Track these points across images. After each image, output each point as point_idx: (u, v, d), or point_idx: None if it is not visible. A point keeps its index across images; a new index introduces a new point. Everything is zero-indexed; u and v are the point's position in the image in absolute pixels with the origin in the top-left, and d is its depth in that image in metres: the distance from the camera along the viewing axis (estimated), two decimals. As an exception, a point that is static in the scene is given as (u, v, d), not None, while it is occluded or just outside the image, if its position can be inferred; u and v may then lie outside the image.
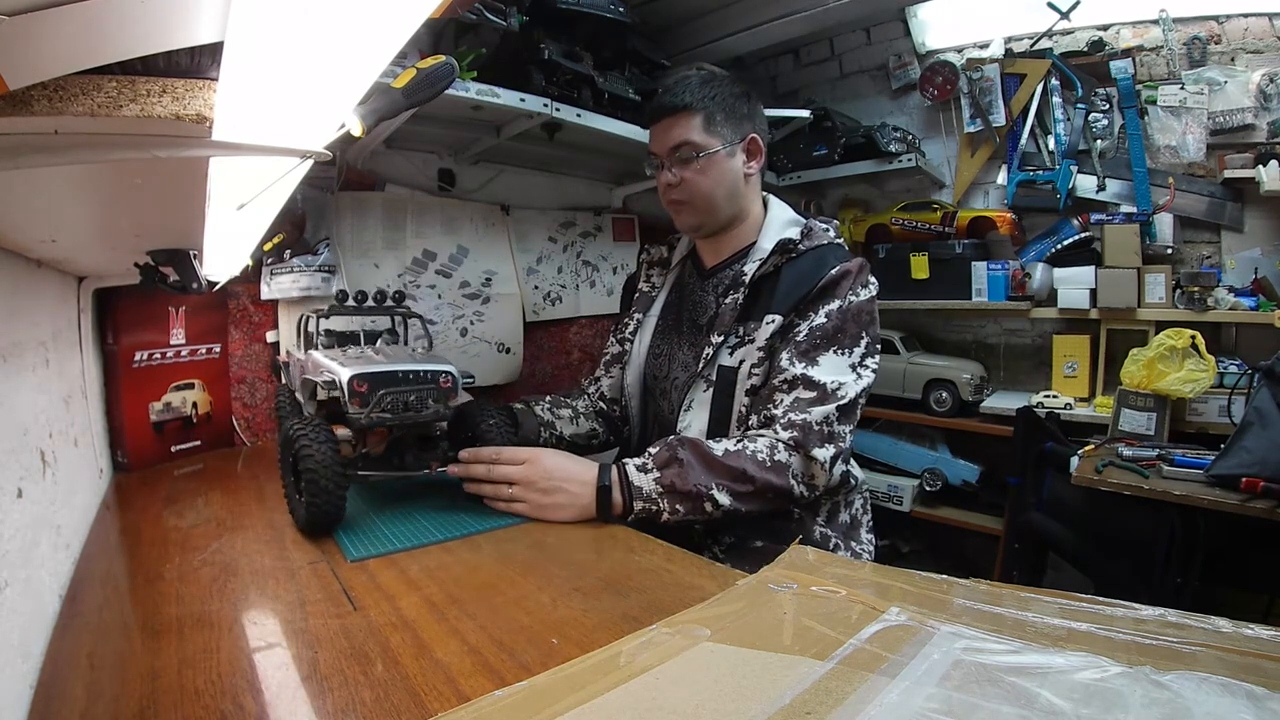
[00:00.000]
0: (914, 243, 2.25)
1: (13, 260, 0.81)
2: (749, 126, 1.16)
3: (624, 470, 0.96)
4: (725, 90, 1.14)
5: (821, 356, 1.03)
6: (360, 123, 0.51)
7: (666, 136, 1.14)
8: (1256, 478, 1.25)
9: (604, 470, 0.96)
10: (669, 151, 1.14)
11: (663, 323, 1.27)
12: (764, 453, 0.98)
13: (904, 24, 2.34)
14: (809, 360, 1.03)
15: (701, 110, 1.12)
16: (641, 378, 1.27)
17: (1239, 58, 1.88)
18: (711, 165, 1.13)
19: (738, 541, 1.07)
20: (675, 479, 0.94)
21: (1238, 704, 0.42)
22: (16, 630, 0.58)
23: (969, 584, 0.64)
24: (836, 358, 1.04)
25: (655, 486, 0.95)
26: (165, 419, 1.31)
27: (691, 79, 1.14)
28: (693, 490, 0.94)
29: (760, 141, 1.18)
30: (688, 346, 1.20)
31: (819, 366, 1.02)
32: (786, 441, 0.99)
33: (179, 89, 0.40)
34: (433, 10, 0.35)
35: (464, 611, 0.68)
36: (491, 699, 0.47)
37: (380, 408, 0.91)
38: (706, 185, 1.14)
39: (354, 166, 1.68)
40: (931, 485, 2.18)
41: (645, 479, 0.95)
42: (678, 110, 1.12)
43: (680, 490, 0.94)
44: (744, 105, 1.16)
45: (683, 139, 1.13)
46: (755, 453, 0.98)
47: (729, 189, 1.16)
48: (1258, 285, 1.81)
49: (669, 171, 1.15)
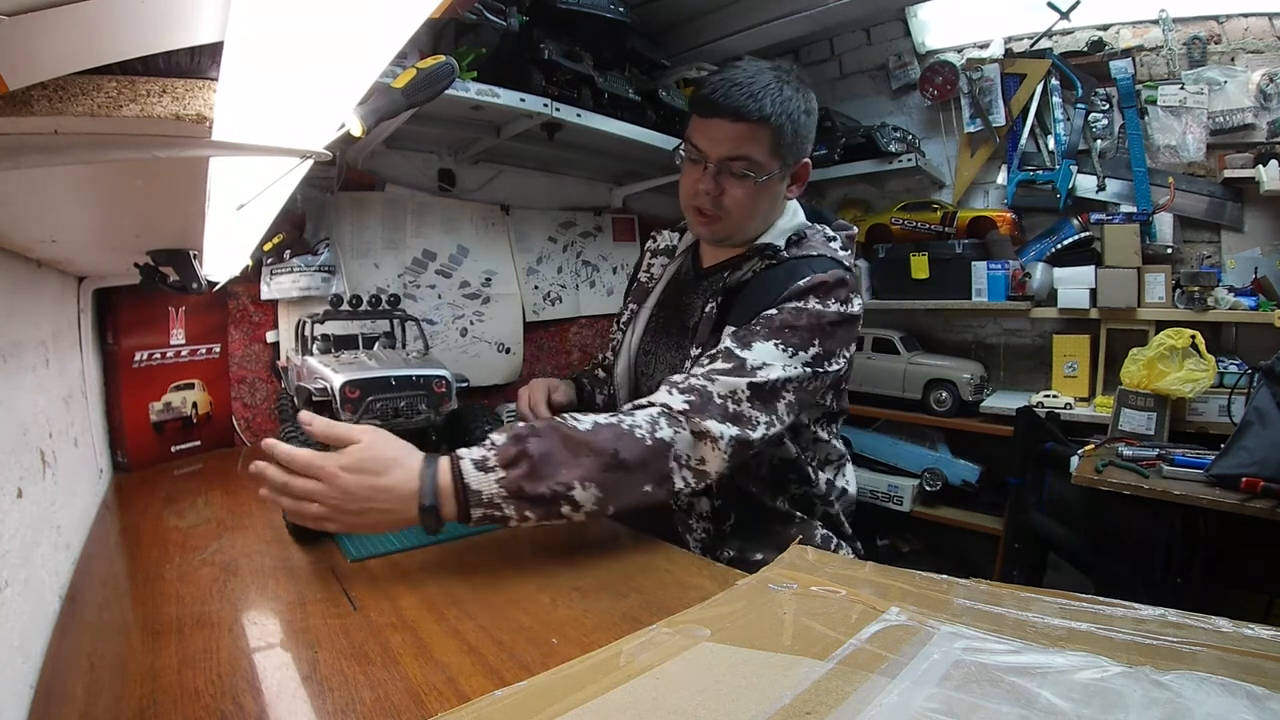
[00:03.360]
0: (914, 243, 2.25)
1: (13, 260, 0.81)
2: (807, 149, 1.04)
3: (458, 468, 0.76)
4: (801, 106, 1.00)
5: (757, 343, 0.90)
6: (360, 123, 0.51)
7: (725, 141, 0.98)
8: (1256, 477, 1.24)
9: (430, 472, 0.76)
10: (722, 159, 0.98)
11: (655, 318, 1.19)
12: (643, 428, 0.81)
13: (904, 24, 2.34)
14: (741, 343, 0.91)
15: (775, 126, 0.96)
16: (630, 371, 1.19)
17: (1239, 58, 1.88)
18: (765, 189, 1.01)
19: (737, 555, 1.02)
20: (523, 481, 0.76)
21: (1238, 704, 0.42)
22: (16, 630, 0.58)
23: (969, 584, 0.64)
24: (774, 349, 0.90)
25: (498, 489, 0.75)
26: (165, 419, 1.31)
27: (770, 83, 0.96)
28: (545, 493, 0.76)
29: (810, 167, 1.07)
30: (675, 348, 1.12)
31: (750, 350, 0.90)
32: (675, 411, 0.83)
33: (179, 89, 0.40)
34: (433, 10, 0.35)
35: (464, 611, 0.68)
36: (491, 699, 0.47)
37: (370, 414, 0.91)
38: (748, 206, 1.01)
39: (354, 166, 1.68)
40: (931, 485, 2.18)
41: (486, 480, 0.76)
42: (751, 118, 0.95)
43: (530, 495, 0.76)
44: (810, 125, 1.03)
45: (745, 153, 0.97)
46: (633, 428, 0.81)
47: (766, 210, 1.05)
48: (1258, 285, 1.81)
49: (710, 177, 1.00)
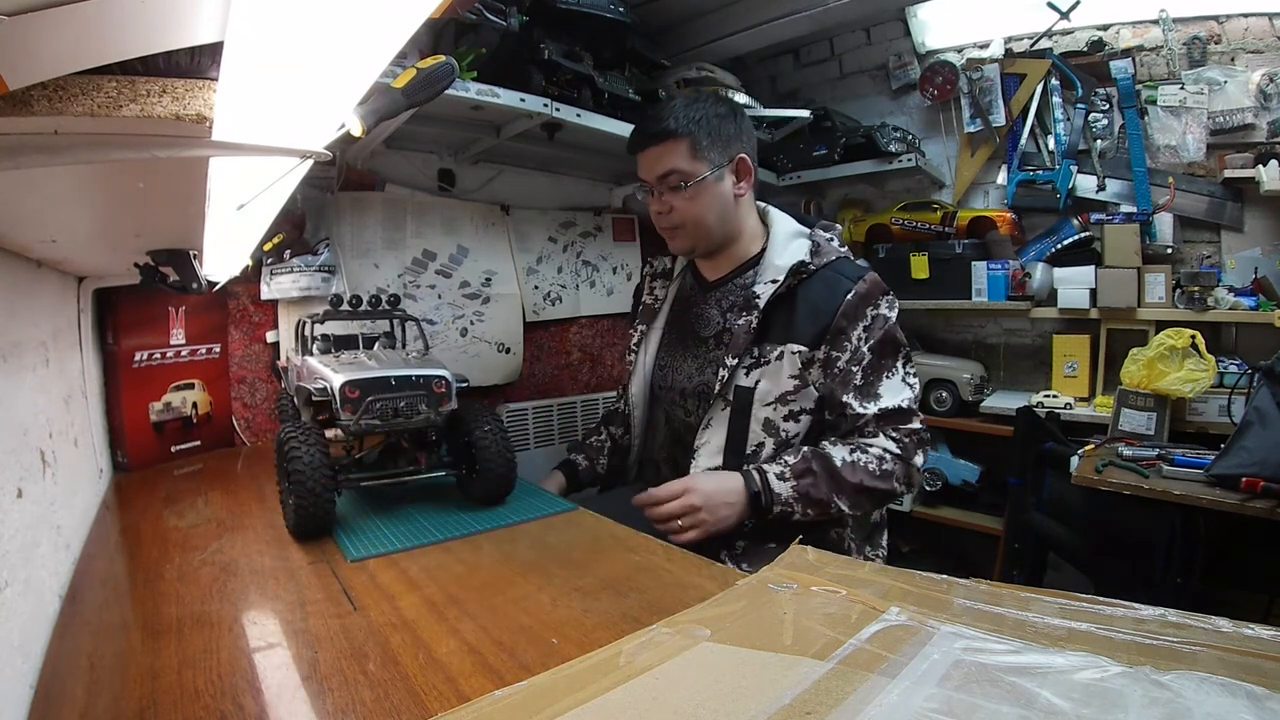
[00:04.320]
0: (914, 243, 2.25)
1: (13, 260, 0.81)
2: (737, 146, 1.15)
3: (765, 478, 1.05)
4: (710, 112, 1.13)
5: (880, 387, 1.10)
6: (360, 123, 0.51)
7: (654, 165, 1.14)
8: (1256, 477, 1.24)
9: (748, 478, 1.06)
10: (657, 179, 1.15)
11: (667, 335, 1.30)
12: (874, 464, 1.07)
13: (904, 24, 2.34)
14: (871, 396, 1.10)
15: (687, 136, 1.11)
16: (647, 388, 1.31)
17: (1239, 58, 1.87)
18: (701, 191, 1.13)
19: (750, 545, 1.10)
20: (810, 489, 1.05)
21: (1238, 704, 0.42)
22: (16, 630, 0.58)
23: (969, 584, 0.64)
24: (889, 381, 1.11)
25: (791, 493, 1.05)
26: (165, 419, 1.31)
27: (675, 103, 1.14)
28: (823, 499, 1.05)
29: (750, 161, 1.16)
30: (691, 358, 1.23)
31: (882, 398, 1.10)
32: (895, 452, 1.08)
33: (179, 89, 0.40)
34: (433, 10, 0.35)
35: (464, 611, 0.68)
36: (491, 699, 0.47)
37: (370, 414, 0.91)
38: (697, 211, 1.14)
39: (354, 166, 1.68)
40: (931, 485, 2.18)
41: (784, 486, 1.05)
42: (662, 137, 1.12)
43: (813, 499, 1.05)
44: (730, 125, 1.14)
45: (670, 167, 1.12)
46: (868, 464, 1.07)
47: (720, 212, 1.16)
48: (1258, 285, 1.81)
49: (658, 199, 1.16)
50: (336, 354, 1.07)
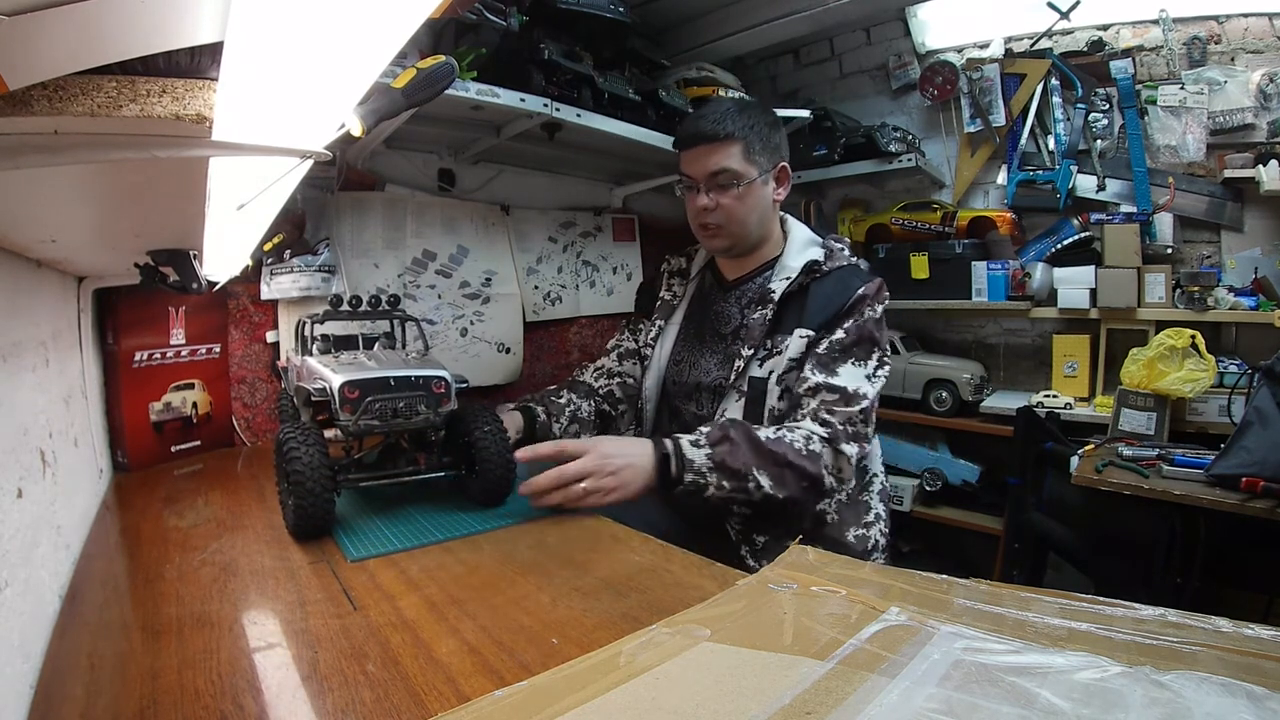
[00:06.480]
0: (914, 243, 2.25)
1: (13, 260, 0.81)
2: (780, 155, 1.23)
3: (678, 443, 1.01)
4: (761, 120, 1.20)
5: (840, 367, 1.12)
6: (360, 123, 0.51)
7: (706, 162, 1.18)
8: (1256, 477, 1.24)
9: (658, 443, 1.02)
10: (708, 177, 1.19)
11: (684, 330, 1.33)
12: (800, 442, 1.06)
13: (904, 24, 2.34)
14: (829, 371, 1.11)
15: (741, 139, 1.17)
16: (661, 382, 1.33)
17: (1239, 58, 1.88)
18: (749, 193, 1.19)
19: (772, 540, 1.12)
20: (726, 456, 1.00)
21: (1238, 704, 0.42)
22: (16, 630, 0.58)
23: (969, 584, 0.64)
24: (853, 368, 1.12)
25: (706, 461, 1.00)
26: (165, 419, 1.31)
27: (730, 108, 1.20)
28: (740, 469, 1.00)
29: (789, 170, 1.24)
30: (709, 353, 1.27)
31: (839, 376, 1.11)
32: (821, 435, 1.08)
33: (179, 89, 0.40)
34: (433, 10, 0.35)
35: (464, 611, 0.68)
36: (491, 699, 0.47)
37: (369, 414, 0.91)
38: (742, 212, 1.20)
39: (354, 166, 1.68)
40: (931, 485, 2.18)
41: (698, 453, 1.01)
42: (719, 138, 1.16)
43: (729, 467, 1.00)
44: (777, 134, 1.22)
45: (723, 166, 1.17)
46: (793, 441, 1.05)
47: (760, 215, 1.22)
48: (1258, 285, 1.81)
49: (705, 195, 1.20)
50: (336, 354, 1.07)
